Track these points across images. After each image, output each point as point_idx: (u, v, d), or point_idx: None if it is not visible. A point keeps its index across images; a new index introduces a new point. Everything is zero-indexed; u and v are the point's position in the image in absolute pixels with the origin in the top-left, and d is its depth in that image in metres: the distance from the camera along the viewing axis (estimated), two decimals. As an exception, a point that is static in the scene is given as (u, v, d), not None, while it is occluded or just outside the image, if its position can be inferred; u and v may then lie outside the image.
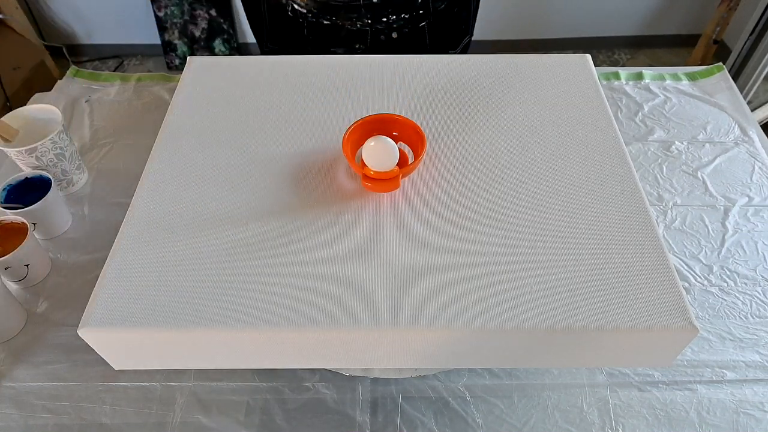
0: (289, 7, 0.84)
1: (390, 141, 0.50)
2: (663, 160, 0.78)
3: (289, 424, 0.56)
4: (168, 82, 0.92)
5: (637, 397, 0.57)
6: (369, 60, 0.66)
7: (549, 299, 0.43)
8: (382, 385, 0.58)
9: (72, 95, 0.90)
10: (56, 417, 0.56)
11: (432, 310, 0.43)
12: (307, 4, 0.82)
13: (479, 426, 0.55)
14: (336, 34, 0.84)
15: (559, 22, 2.18)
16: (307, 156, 0.55)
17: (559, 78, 0.62)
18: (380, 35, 0.85)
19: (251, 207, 0.50)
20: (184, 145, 0.56)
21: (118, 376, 0.58)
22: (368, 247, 0.47)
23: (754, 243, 0.69)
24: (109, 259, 0.47)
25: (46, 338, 0.61)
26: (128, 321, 0.43)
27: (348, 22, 0.83)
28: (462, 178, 0.52)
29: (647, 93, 0.88)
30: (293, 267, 0.46)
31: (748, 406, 0.56)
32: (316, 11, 0.83)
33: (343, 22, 0.83)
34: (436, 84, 0.62)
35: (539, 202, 0.50)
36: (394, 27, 0.85)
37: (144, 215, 0.50)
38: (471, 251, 0.47)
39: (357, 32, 0.84)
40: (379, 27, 0.84)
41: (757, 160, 0.78)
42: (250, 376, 0.59)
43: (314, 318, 0.43)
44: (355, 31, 0.84)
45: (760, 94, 1.74)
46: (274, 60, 0.65)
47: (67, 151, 0.73)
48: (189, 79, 0.63)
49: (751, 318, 0.63)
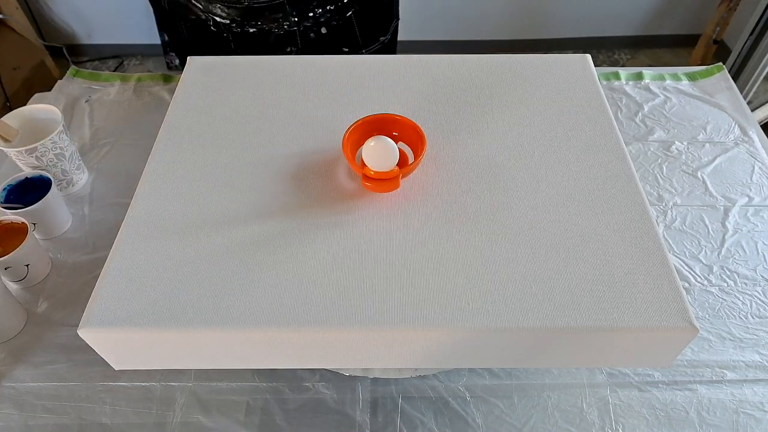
0: (210, 22, 0.81)
1: (390, 141, 0.50)
2: (663, 160, 0.78)
3: (289, 424, 0.56)
4: (168, 82, 0.92)
5: (637, 397, 0.57)
6: (369, 60, 0.66)
7: (549, 299, 0.43)
8: (382, 385, 0.58)
9: (72, 95, 0.90)
10: (56, 417, 0.56)
11: (432, 310, 0.43)
12: (229, 13, 0.80)
13: (479, 426, 0.55)
14: (264, 41, 0.82)
15: (559, 22, 2.18)
16: (307, 156, 0.55)
17: (559, 78, 0.62)
18: (309, 33, 0.83)
19: (251, 207, 0.50)
20: (184, 145, 0.56)
21: (118, 376, 0.58)
22: (368, 247, 0.47)
23: (754, 243, 0.69)
24: (109, 259, 0.47)
25: (46, 338, 0.61)
26: (128, 321, 0.43)
27: (275, 25, 0.81)
28: (462, 178, 0.52)
29: (647, 93, 0.88)
30: (293, 267, 0.46)
31: (748, 406, 0.56)
32: (240, 19, 0.80)
33: (270, 25, 0.81)
34: (436, 84, 0.62)
35: (539, 202, 0.50)
36: (321, 22, 0.83)
37: (144, 215, 0.50)
38: (471, 251, 0.47)
39: (285, 35, 0.82)
40: (307, 24, 0.82)
41: (757, 160, 0.78)
42: (250, 376, 0.59)
43: (314, 318, 0.43)
44: (283, 35, 0.82)
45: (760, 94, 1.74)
46: (274, 60, 0.65)
47: (67, 151, 0.73)
48: (189, 79, 0.63)
49: (751, 318, 0.63)
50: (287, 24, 0.81)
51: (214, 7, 0.79)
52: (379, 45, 0.91)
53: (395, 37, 0.95)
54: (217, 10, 0.80)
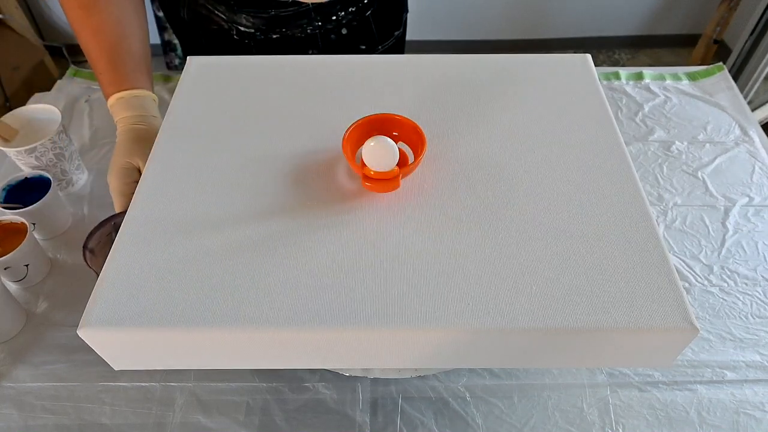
0: (233, 31, 0.81)
1: (390, 141, 0.49)
2: (663, 160, 0.78)
3: (289, 425, 0.56)
4: (168, 82, 0.92)
5: (637, 398, 0.57)
6: (369, 60, 0.66)
7: (549, 299, 0.43)
8: (382, 385, 0.58)
9: (72, 95, 0.90)
10: (56, 417, 0.56)
11: (432, 310, 0.43)
12: (254, 23, 0.79)
13: (479, 426, 0.55)
14: (286, 45, 0.82)
15: (559, 22, 2.18)
16: (307, 156, 0.54)
17: (559, 78, 0.62)
18: (330, 35, 0.83)
19: (251, 207, 0.50)
20: (183, 145, 0.56)
21: (118, 376, 0.58)
22: (368, 247, 0.47)
23: (755, 243, 0.69)
24: (109, 259, 0.46)
25: (45, 338, 0.61)
26: (128, 321, 0.43)
27: (298, 30, 0.80)
28: (462, 178, 0.52)
29: (647, 93, 0.88)
30: (293, 267, 0.46)
31: (748, 407, 0.56)
32: (265, 27, 0.80)
33: (293, 31, 0.81)
34: (436, 84, 0.62)
35: (539, 202, 0.50)
36: (343, 23, 0.82)
37: (144, 215, 0.50)
38: (471, 251, 0.46)
39: (307, 38, 0.82)
40: (329, 27, 0.82)
41: (758, 160, 0.78)
42: (250, 376, 0.59)
43: (314, 318, 0.43)
44: (304, 38, 0.82)
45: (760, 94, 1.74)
46: (274, 60, 0.65)
47: (67, 151, 0.73)
48: (189, 79, 0.63)
49: (751, 318, 0.63)
50: (310, 29, 0.81)
51: (239, 17, 0.79)
52: (393, 40, 0.92)
53: (405, 30, 0.96)
54: (242, 20, 0.80)
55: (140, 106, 0.63)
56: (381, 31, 0.88)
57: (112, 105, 0.64)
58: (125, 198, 0.58)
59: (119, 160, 0.59)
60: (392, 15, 0.90)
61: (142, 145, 0.60)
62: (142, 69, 0.66)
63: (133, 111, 0.63)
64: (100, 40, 0.64)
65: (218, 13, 0.79)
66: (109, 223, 0.57)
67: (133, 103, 0.63)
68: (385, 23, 0.88)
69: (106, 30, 0.64)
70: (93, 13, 0.63)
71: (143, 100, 0.64)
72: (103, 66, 0.64)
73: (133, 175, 0.59)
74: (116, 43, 0.64)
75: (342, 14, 0.80)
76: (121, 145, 0.61)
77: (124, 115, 0.63)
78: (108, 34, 0.64)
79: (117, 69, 0.64)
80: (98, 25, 0.64)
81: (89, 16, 0.63)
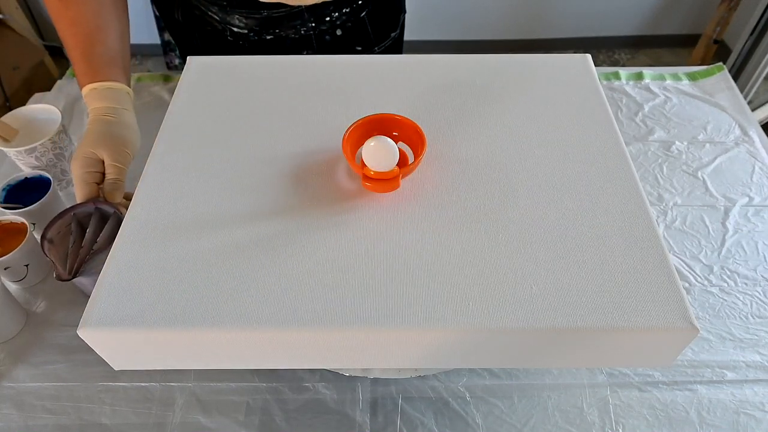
0: (227, 32, 0.81)
1: (390, 141, 0.49)
2: (663, 160, 0.78)
3: (289, 425, 0.56)
4: (168, 82, 0.92)
5: (637, 398, 0.57)
6: (369, 60, 0.66)
7: (549, 299, 0.43)
8: (382, 385, 0.58)
9: (72, 95, 0.90)
10: (56, 417, 0.56)
11: (432, 310, 0.43)
12: (247, 23, 0.79)
13: (479, 426, 0.55)
14: (281, 46, 0.82)
15: (559, 22, 2.18)
16: (307, 156, 0.54)
17: (559, 78, 0.62)
18: (325, 36, 0.83)
19: (251, 207, 0.50)
20: (183, 145, 0.56)
21: (118, 376, 0.58)
22: (368, 246, 0.47)
23: (755, 243, 0.69)
24: (109, 259, 0.46)
25: (45, 338, 0.61)
26: (128, 321, 0.43)
27: (292, 31, 0.80)
28: (462, 178, 0.52)
29: (647, 93, 0.88)
30: (293, 267, 0.46)
31: (748, 407, 0.56)
32: (258, 28, 0.80)
33: (287, 32, 0.80)
34: (436, 84, 0.62)
35: (539, 202, 0.50)
36: (337, 25, 0.82)
37: (144, 215, 0.50)
38: (471, 251, 0.46)
39: (301, 39, 0.82)
40: (323, 28, 0.81)
41: (758, 160, 0.78)
42: (250, 376, 0.59)
43: (314, 318, 0.43)
44: (299, 39, 0.82)
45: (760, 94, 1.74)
46: (274, 60, 0.65)
47: (67, 151, 0.73)
48: (188, 78, 0.63)
49: (751, 318, 0.63)
50: (304, 30, 0.81)
51: (232, 18, 0.79)
52: (390, 41, 0.91)
53: (402, 31, 0.95)
54: (234, 21, 0.79)
55: (113, 98, 0.63)
56: (377, 32, 0.88)
57: (86, 95, 0.64)
58: (87, 186, 0.59)
59: (84, 149, 0.60)
60: (389, 16, 0.90)
61: (108, 137, 0.61)
62: (118, 63, 0.66)
63: (106, 102, 0.63)
64: (75, 32, 0.64)
65: (211, 14, 0.79)
66: (69, 214, 0.58)
67: (107, 94, 0.63)
68: (381, 24, 0.88)
69: (83, 22, 0.64)
70: (70, 5, 0.64)
71: (117, 93, 0.64)
72: (77, 56, 0.64)
73: (96, 165, 0.60)
74: (91, 34, 0.65)
75: (336, 15, 0.80)
76: (89, 134, 0.61)
77: (96, 105, 0.63)
78: (84, 26, 0.64)
79: (91, 60, 0.64)
80: (75, 17, 0.64)
81: (67, 8, 0.64)
